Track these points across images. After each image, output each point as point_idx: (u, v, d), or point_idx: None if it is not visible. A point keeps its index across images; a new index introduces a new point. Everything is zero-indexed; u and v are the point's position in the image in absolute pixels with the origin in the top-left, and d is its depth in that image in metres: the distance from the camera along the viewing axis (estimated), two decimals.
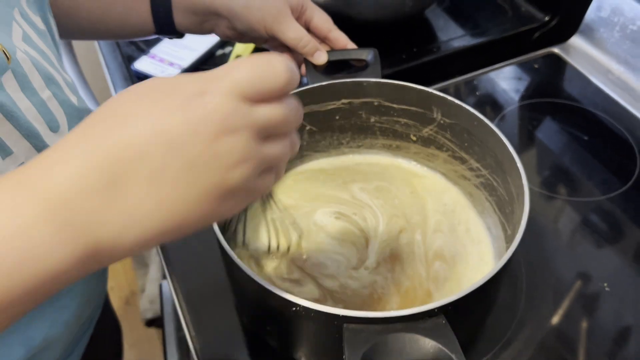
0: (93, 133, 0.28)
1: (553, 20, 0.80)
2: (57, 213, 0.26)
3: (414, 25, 0.82)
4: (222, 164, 0.28)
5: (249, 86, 0.29)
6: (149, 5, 0.58)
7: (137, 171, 0.27)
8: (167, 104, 0.28)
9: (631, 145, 0.63)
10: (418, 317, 0.36)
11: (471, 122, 0.49)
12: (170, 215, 0.28)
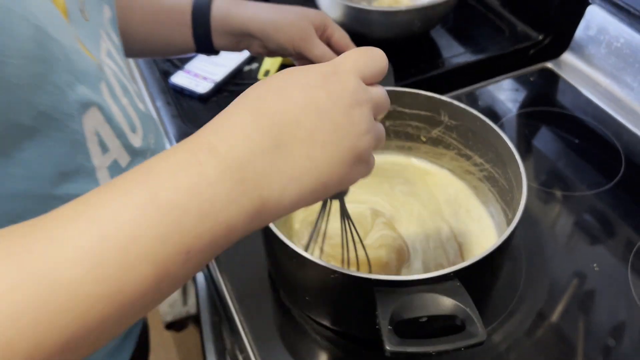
0: (258, 102, 0.32)
1: (546, 39, 0.88)
2: (234, 172, 0.30)
3: (421, 43, 0.89)
4: (355, 130, 0.33)
5: (364, 67, 0.35)
6: (190, 28, 0.64)
7: (294, 135, 0.31)
8: (311, 81, 0.33)
9: (617, 148, 0.71)
10: (437, 280, 0.43)
11: (474, 122, 0.56)
12: (320, 175, 0.32)
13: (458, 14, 0.95)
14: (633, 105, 0.75)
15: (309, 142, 0.32)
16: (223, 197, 0.29)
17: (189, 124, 0.75)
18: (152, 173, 0.29)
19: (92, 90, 0.39)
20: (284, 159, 0.31)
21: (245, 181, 0.30)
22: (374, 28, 0.83)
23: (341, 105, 0.33)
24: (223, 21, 0.63)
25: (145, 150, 0.48)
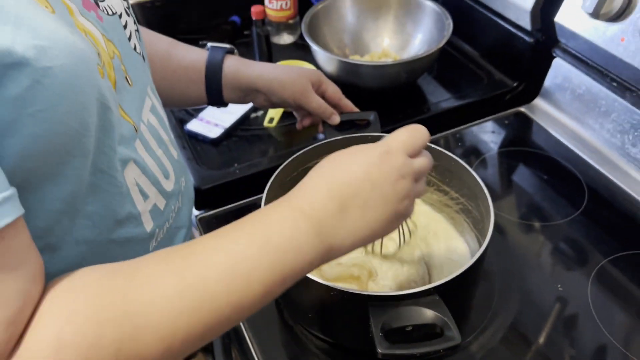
0: (329, 175, 0.45)
1: (520, 86, 0.98)
2: (315, 227, 0.42)
3: (409, 90, 0.99)
4: (398, 198, 0.45)
5: (410, 146, 0.47)
6: (204, 84, 0.72)
7: (354, 202, 0.44)
8: (369, 159, 0.45)
9: (581, 181, 0.80)
10: (419, 294, 0.52)
11: (450, 162, 0.66)
12: (370, 230, 0.45)
13: (442, 64, 1.05)
14: (595, 144, 0.84)
15: (364, 207, 0.44)
16: (309, 243, 0.42)
17: (202, 165, 0.85)
18: (264, 224, 0.42)
19: (128, 149, 0.46)
20: (346, 219, 0.43)
21: (321, 234, 0.43)
22: (366, 80, 0.93)
23: (389, 179, 0.45)
24: (233, 78, 0.72)
25: (177, 193, 0.55)
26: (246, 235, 0.41)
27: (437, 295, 0.52)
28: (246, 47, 1.12)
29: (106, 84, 0.42)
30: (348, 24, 1.06)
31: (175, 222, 0.55)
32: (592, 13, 0.75)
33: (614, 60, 0.77)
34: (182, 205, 0.57)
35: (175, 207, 0.55)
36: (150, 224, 0.50)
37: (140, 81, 0.51)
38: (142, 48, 0.54)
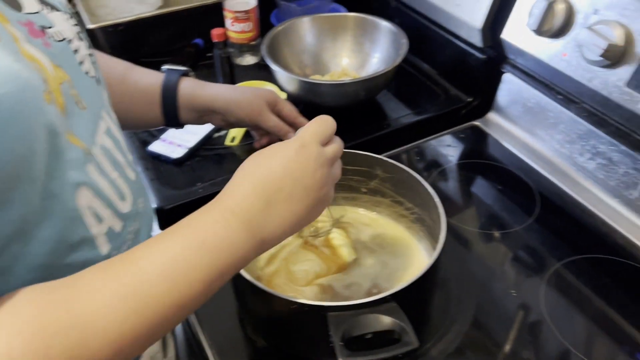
0: (252, 174, 0.49)
1: (474, 101, 1.02)
2: (246, 224, 0.46)
3: (369, 107, 1.01)
4: (318, 186, 0.50)
5: (321, 134, 0.52)
6: (160, 106, 0.73)
7: (278, 197, 0.48)
8: (287, 155, 0.49)
9: (533, 191, 0.84)
10: (377, 302, 0.53)
11: (403, 174, 0.68)
12: (297, 219, 0.49)
13: (401, 81, 1.08)
14: (546, 154, 0.88)
15: (288, 201, 0.48)
16: (241, 240, 0.46)
17: (165, 185, 0.85)
18: (198, 227, 0.45)
19: (79, 173, 0.46)
20: (273, 214, 0.48)
21: (252, 230, 0.46)
22: (326, 98, 0.96)
23: (308, 171, 0.49)
24: (189, 100, 0.73)
25: (134, 214, 0.55)
26: (183, 239, 0.44)
27: (394, 302, 0.53)
28: (209, 69, 1.13)
29: (53, 109, 0.42)
30: (308, 45, 1.09)
31: (134, 243, 0.56)
32: (536, 30, 0.79)
33: (558, 74, 0.82)
34: (141, 226, 0.58)
35: (133, 229, 0.55)
36: (107, 247, 0.50)
37: (94, 105, 0.51)
38: (97, 72, 0.54)
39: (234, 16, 1.10)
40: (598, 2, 0.74)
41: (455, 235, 0.77)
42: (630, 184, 0.78)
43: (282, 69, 0.95)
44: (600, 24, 0.72)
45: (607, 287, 0.70)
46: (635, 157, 0.76)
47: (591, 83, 0.76)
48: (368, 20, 1.07)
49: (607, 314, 0.66)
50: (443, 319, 0.65)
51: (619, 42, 0.70)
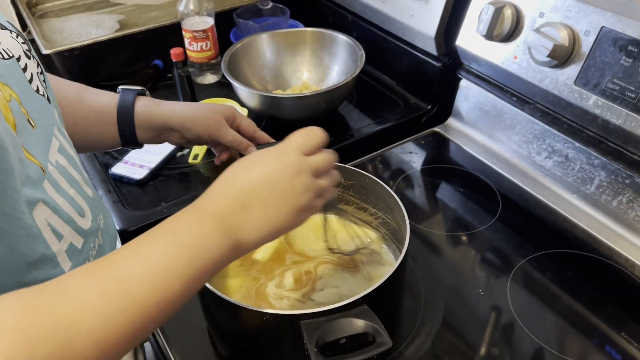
0: (230, 179, 0.50)
1: (433, 108, 1.05)
2: (221, 225, 0.46)
3: (332, 119, 1.03)
4: (297, 192, 0.50)
5: (305, 145, 0.52)
6: (116, 126, 0.72)
7: (254, 200, 0.48)
8: (266, 161, 0.51)
9: (495, 191, 0.86)
10: (349, 306, 0.53)
11: (364, 180, 0.69)
12: (274, 224, 0.49)
13: (362, 92, 1.10)
14: (505, 156, 0.91)
15: (264, 204, 0.49)
16: (217, 239, 0.46)
17: (129, 207, 0.84)
18: (175, 228, 0.46)
19: (35, 190, 0.45)
20: (248, 216, 0.48)
21: (228, 230, 0.47)
22: (288, 112, 0.97)
23: (286, 177, 0.50)
24: (145, 118, 0.73)
25: (95, 230, 0.54)
26: (160, 240, 0.44)
27: (365, 305, 0.54)
28: (169, 89, 1.13)
29: (2, 125, 0.41)
30: (267, 61, 1.10)
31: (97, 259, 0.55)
32: (486, 35, 0.82)
33: (511, 77, 0.84)
34: (104, 243, 0.57)
35: (96, 245, 0.55)
36: (69, 264, 0.49)
37: (44, 123, 0.50)
38: (47, 90, 0.54)
39: (192, 35, 1.10)
40: (543, 5, 0.77)
41: (423, 240, 0.78)
42: (587, 179, 0.80)
43: (243, 86, 0.95)
44: (546, 26, 0.75)
45: (571, 281, 0.72)
46: (589, 153, 0.79)
47: (542, 83, 0.79)
48: (325, 34, 1.09)
49: (574, 308, 0.68)
50: (413, 322, 0.65)
51: (564, 43, 0.73)
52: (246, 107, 0.99)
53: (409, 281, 0.70)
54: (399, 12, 1.02)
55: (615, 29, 0.70)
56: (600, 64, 0.71)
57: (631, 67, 0.68)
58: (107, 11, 1.33)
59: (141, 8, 1.34)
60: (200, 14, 1.11)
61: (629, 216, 0.76)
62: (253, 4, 1.24)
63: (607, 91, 0.71)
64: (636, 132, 0.69)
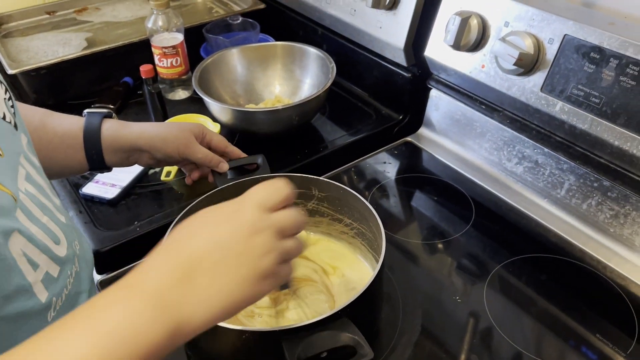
0: (172, 245, 0.42)
1: (405, 118, 1.06)
2: (154, 302, 0.38)
3: (305, 131, 1.03)
4: (255, 254, 0.42)
5: (266, 200, 0.44)
6: (83, 150, 0.70)
7: (200, 267, 0.40)
8: (216, 220, 0.43)
9: (468, 198, 0.87)
10: (329, 320, 0.53)
11: (338, 191, 0.69)
12: (225, 297, 0.40)
13: (334, 104, 1.11)
14: (476, 163, 0.92)
15: (213, 271, 0.40)
16: (148, 323, 0.37)
17: (101, 227, 0.82)
18: (95, 311, 0.38)
19: (9, 219, 0.44)
20: (193, 288, 0.39)
21: (164, 308, 0.38)
22: (261, 125, 0.96)
23: (240, 236, 0.42)
24: (113, 141, 0.72)
25: (72, 257, 0.53)
26: (76, 329, 0.36)
27: (345, 317, 0.54)
28: (140, 106, 1.12)
29: None
30: (239, 75, 1.10)
31: (75, 287, 0.54)
32: (454, 45, 0.83)
33: (479, 85, 0.86)
34: (80, 269, 0.56)
35: (72, 272, 0.53)
36: (45, 294, 0.48)
37: (11, 151, 0.49)
38: (15, 116, 0.53)
39: (162, 52, 1.10)
40: (508, 15, 0.79)
41: (400, 249, 0.79)
42: (557, 184, 0.82)
43: (215, 101, 0.95)
44: (511, 35, 0.77)
45: (546, 285, 0.73)
46: (558, 158, 0.80)
47: (510, 91, 0.80)
48: (296, 47, 1.09)
49: (549, 311, 0.69)
50: (393, 332, 0.65)
51: (529, 51, 0.75)
52: (219, 122, 0.98)
53: (387, 291, 0.70)
54: (368, 24, 1.03)
55: (578, 36, 0.72)
56: (565, 70, 0.73)
57: (594, 73, 0.70)
58: (74, 29, 1.31)
59: (109, 25, 1.33)
60: (169, 30, 1.10)
61: (599, 218, 0.77)
62: (222, 19, 1.24)
63: (573, 97, 0.73)
64: (602, 136, 0.71)
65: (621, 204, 0.74)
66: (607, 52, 0.69)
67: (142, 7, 1.40)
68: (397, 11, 0.97)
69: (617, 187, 0.74)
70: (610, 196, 0.75)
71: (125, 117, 1.10)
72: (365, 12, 1.03)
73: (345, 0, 1.07)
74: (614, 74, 0.68)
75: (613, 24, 0.71)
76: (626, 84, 0.68)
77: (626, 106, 0.68)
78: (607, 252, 0.75)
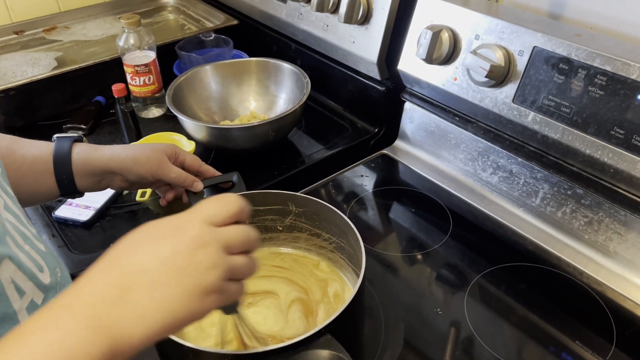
0: (110, 261, 0.40)
1: (381, 131, 1.06)
2: (88, 322, 0.36)
3: (282, 147, 1.03)
4: (199, 268, 0.40)
5: (213, 215, 0.43)
6: (53, 176, 0.68)
7: (139, 282, 0.38)
8: (159, 234, 0.41)
9: (445, 209, 0.88)
10: (313, 338, 0.52)
11: (315, 206, 0.68)
12: (166, 313, 0.38)
13: (310, 119, 1.11)
14: (452, 174, 0.93)
15: (152, 286, 0.38)
16: (82, 343, 0.36)
17: (75, 251, 0.80)
18: (25, 333, 0.36)
19: (1, 245, 0.44)
20: (129, 305, 0.37)
21: (98, 328, 0.36)
22: (237, 142, 0.96)
23: (183, 250, 0.40)
24: (84, 165, 0.70)
25: (54, 285, 0.52)
26: (8, 354, 0.35)
27: (329, 334, 0.53)
28: (113, 125, 1.10)
29: None
30: (213, 92, 1.09)
31: None
32: (426, 59, 0.84)
33: (452, 98, 0.87)
34: None
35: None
36: None
37: None
38: None
39: (134, 70, 1.09)
40: (478, 28, 0.80)
41: (380, 262, 0.79)
42: (531, 193, 0.83)
43: (189, 118, 0.94)
44: (482, 47, 0.78)
45: (525, 293, 0.73)
46: (532, 167, 0.82)
47: (483, 103, 0.82)
48: (270, 63, 1.10)
49: (529, 319, 0.70)
50: (376, 346, 0.65)
51: (500, 63, 0.76)
52: (194, 140, 0.98)
53: (368, 306, 0.70)
54: (341, 39, 1.04)
55: (546, 48, 0.73)
56: (536, 81, 0.75)
57: (564, 84, 0.72)
58: (44, 49, 1.29)
59: (79, 44, 1.31)
60: (141, 48, 1.10)
61: (574, 226, 0.79)
62: (195, 36, 1.24)
63: (544, 107, 0.74)
64: (573, 145, 0.73)
65: (594, 210, 0.76)
66: (575, 62, 0.71)
67: (113, 25, 1.39)
68: (369, 26, 0.98)
69: (590, 194, 0.75)
70: (584, 203, 0.77)
71: (99, 136, 1.09)
72: (338, 27, 1.03)
73: (317, 16, 1.07)
74: (582, 84, 0.70)
75: (580, 35, 0.73)
76: (595, 93, 0.69)
77: (595, 115, 0.70)
78: (583, 259, 0.77)
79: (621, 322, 0.68)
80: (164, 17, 1.48)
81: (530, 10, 0.86)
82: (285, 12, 1.17)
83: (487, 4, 0.85)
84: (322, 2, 1.01)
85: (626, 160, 0.68)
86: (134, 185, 0.76)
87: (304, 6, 1.10)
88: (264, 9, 1.23)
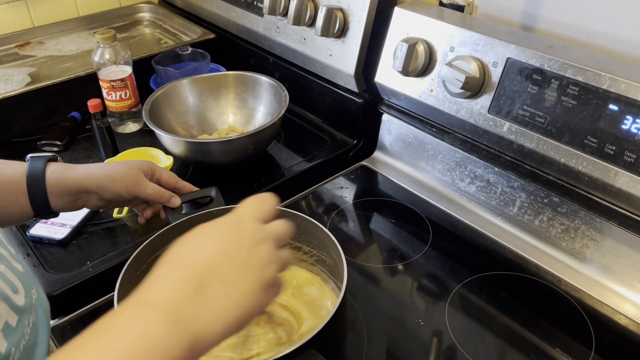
0: (175, 260, 0.42)
1: (359, 143, 1.07)
2: (169, 317, 0.37)
3: (262, 160, 1.02)
4: (261, 264, 0.43)
5: (258, 211, 0.46)
6: (27, 196, 0.67)
7: (212, 279, 0.40)
8: (219, 233, 0.43)
9: (425, 219, 0.88)
10: (297, 352, 0.52)
11: (295, 219, 0.68)
12: (240, 307, 0.40)
13: (289, 131, 1.11)
14: (430, 184, 0.94)
15: (224, 282, 0.40)
16: (166, 338, 0.37)
17: (51, 270, 0.79)
18: (108, 330, 0.37)
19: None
20: (207, 300, 0.39)
21: (179, 323, 0.38)
22: (216, 156, 0.95)
23: (245, 247, 0.43)
24: (58, 184, 0.69)
25: (29, 306, 0.51)
26: (93, 350, 0.36)
27: (313, 348, 0.53)
28: (89, 141, 1.09)
29: None
30: (190, 106, 1.09)
31: (31, 337, 0.52)
32: (402, 71, 0.85)
33: (429, 109, 0.88)
34: (37, 318, 0.53)
35: (30, 322, 0.51)
36: (4, 344, 0.46)
37: None
38: None
39: (110, 85, 1.08)
40: (453, 40, 0.82)
41: (361, 274, 0.79)
42: (509, 201, 0.84)
43: (167, 133, 0.93)
44: (457, 59, 0.79)
45: (505, 301, 0.74)
46: (509, 176, 0.83)
47: (459, 114, 0.83)
48: (248, 76, 1.09)
49: (510, 327, 0.70)
50: (358, 359, 0.65)
51: (475, 74, 0.78)
52: (171, 155, 0.97)
53: (351, 318, 0.70)
54: (318, 52, 1.04)
55: (520, 59, 0.75)
56: (510, 92, 0.76)
57: (537, 94, 0.73)
58: (17, 64, 1.27)
59: (54, 59, 1.30)
60: (117, 63, 1.09)
61: (551, 233, 0.80)
62: (172, 50, 1.23)
63: (519, 117, 0.76)
64: (549, 154, 0.74)
65: (571, 218, 0.77)
66: (548, 73, 0.72)
67: (88, 40, 1.38)
68: (346, 39, 0.98)
69: (566, 202, 0.77)
70: (560, 211, 0.78)
71: (75, 152, 1.07)
72: (315, 41, 1.04)
73: (294, 29, 1.08)
74: (556, 94, 0.71)
75: (552, 46, 0.74)
76: (568, 103, 0.71)
77: (569, 125, 0.71)
78: (561, 266, 0.78)
79: (599, 328, 0.69)
80: (140, 32, 1.47)
81: (503, 23, 0.88)
82: (262, 26, 1.17)
83: (462, 17, 0.87)
84: (298, 15, 1.02)
85: (600, 169, 0.69)
86: (110, 204, 0.75)
87: (280, 20, 1.11)
88: (241, 22, 1.23)
